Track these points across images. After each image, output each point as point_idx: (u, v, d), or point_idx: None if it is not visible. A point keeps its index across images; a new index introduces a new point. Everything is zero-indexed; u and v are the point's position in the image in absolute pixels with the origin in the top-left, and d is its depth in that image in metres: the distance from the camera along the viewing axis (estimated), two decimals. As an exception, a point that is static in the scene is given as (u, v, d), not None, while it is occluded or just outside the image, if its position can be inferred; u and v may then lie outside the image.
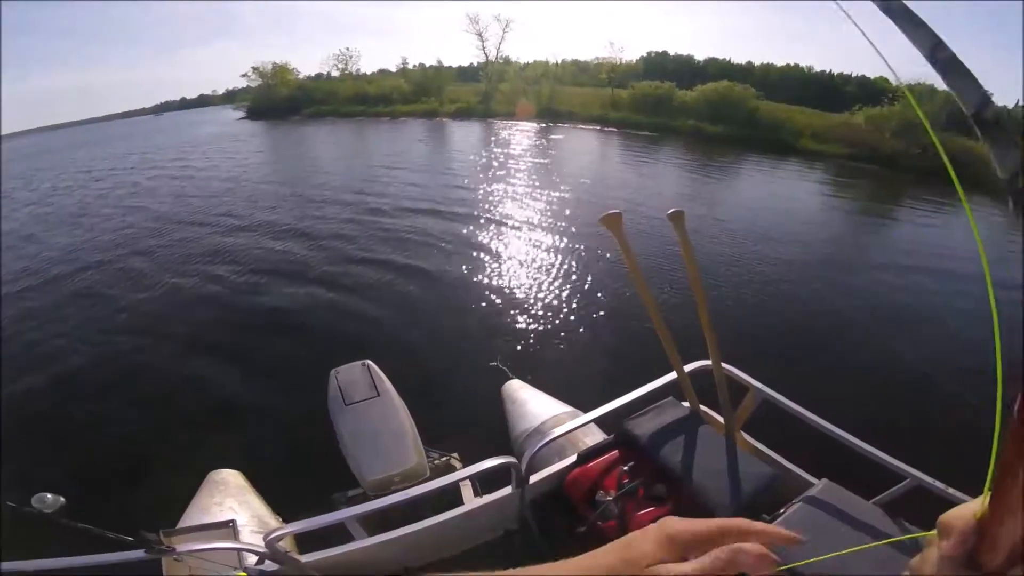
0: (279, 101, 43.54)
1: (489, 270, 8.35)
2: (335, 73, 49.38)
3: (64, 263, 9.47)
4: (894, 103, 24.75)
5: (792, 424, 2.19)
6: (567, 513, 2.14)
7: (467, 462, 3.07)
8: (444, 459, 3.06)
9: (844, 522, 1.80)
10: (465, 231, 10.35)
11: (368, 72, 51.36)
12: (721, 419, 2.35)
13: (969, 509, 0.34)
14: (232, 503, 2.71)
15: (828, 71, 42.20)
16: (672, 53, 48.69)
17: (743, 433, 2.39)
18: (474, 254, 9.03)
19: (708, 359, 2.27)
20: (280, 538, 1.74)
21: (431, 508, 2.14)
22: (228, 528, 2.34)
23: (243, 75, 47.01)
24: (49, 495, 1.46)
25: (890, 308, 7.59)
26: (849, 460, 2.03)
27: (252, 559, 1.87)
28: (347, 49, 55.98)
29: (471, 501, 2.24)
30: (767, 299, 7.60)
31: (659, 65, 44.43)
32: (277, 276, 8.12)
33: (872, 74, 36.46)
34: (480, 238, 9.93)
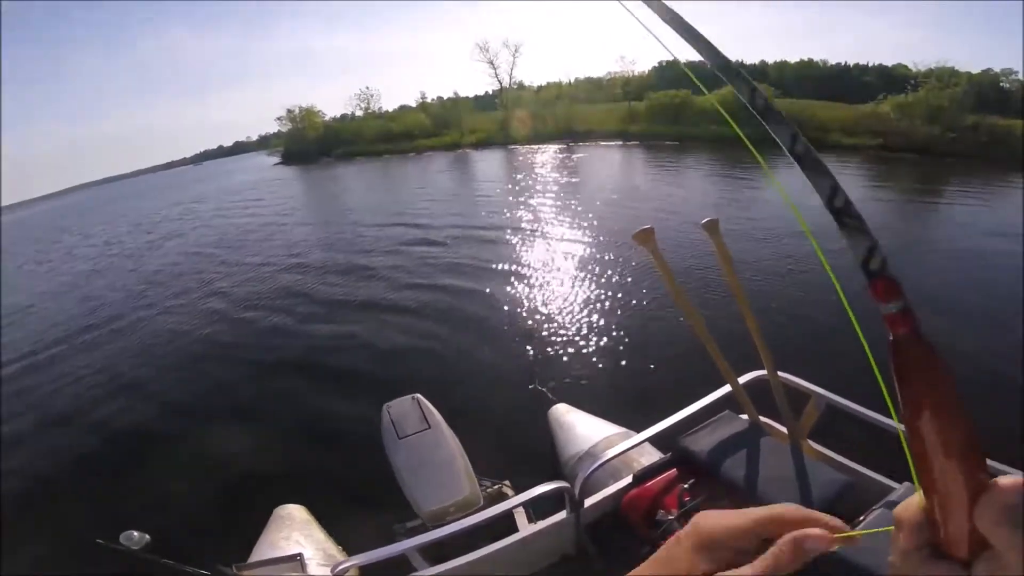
0: (309, 144, 45.98)
1: (527, 294, 8.38)
2: (359, 112, 51.88)
3: (115, 312, 10.13)
4: (918, 89, 23.91)
5: (864, 428, 2.06)
6: (626, 535, 2.08)
7: (519, 488, 3.05)
8: (496, 487, 3.08)
9: None
10: (499, 258, 10.45)
11: (389, 109, 53.79)
12: (784, 429, 2.25)
13: (916, 500, 0.33)
14: (298, 537, 2.81)
15: (844, 63, 41.11)
16: (683, 60, 48.32)
17: (810, 441, 2.28)
18: (510, 280, 9.09)
19: (762, 368, 2.18)
20: (346, 571, 1.78)
21: (486, 536, 2.13)
22: (296, 562, 2.43)
23: (277, 119, 50.12)
24: (136, 533, 1.55)
25: (947, 296, 7.15)
26: None
27: None
28: (367, 88, 58.58)
29: (526, 528, 2.22)
30: (815, 298, 7.22)
31: (671, 73, 44.30)
32: (325, 317, 8.39)
33: (890, 62, 35.49)
34: (514, 264, 10.00)
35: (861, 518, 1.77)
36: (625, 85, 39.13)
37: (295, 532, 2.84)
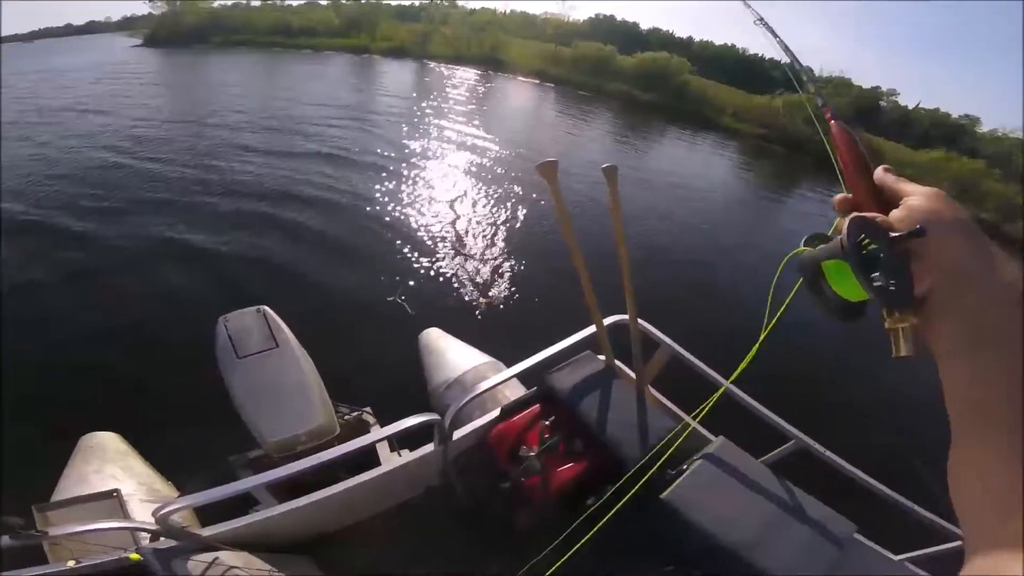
0: (185, 29, 37.87)
1: (407, 213, 7.97)
2: (256, 2, 43.93)
3: None
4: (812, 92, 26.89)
5: (696, 381, 2.26)
6: (490, 468, 2.10)
7: (380, 416, 2.94)
8: (356, 414, 2.89)
9: (736, 479, 1.94)
10: (384, 171, 9.81)
11: (295, 3, 46.13)
12: (632, 374, 2.39)
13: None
14: (113, 469, 2.40)
15: (760, 55, 44.30)
16: (619, 18, 48.50)
17: (651, 388, 2.46)
18: (392, 196, 8.57)
19: (625, 314, 2.27)
20: (174, 512, 1.53)
21: (345, 467, 2.01)
22: (113, 499, 2.08)
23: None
24: None
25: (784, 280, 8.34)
26: (744, 419, 2.15)
27: (146, 536, 1.64)
28: None
29: (389, 460, 2.14)
30: (677, 258, 8.01)
31: (605, 28, 44.27)
32: (152, 211, 7.21)
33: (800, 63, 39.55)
34: (400, 179, 9.46)
35: (684, 466, 1.97)
36: (558, 28, 38.25)
37: (109, 464, 2.42)
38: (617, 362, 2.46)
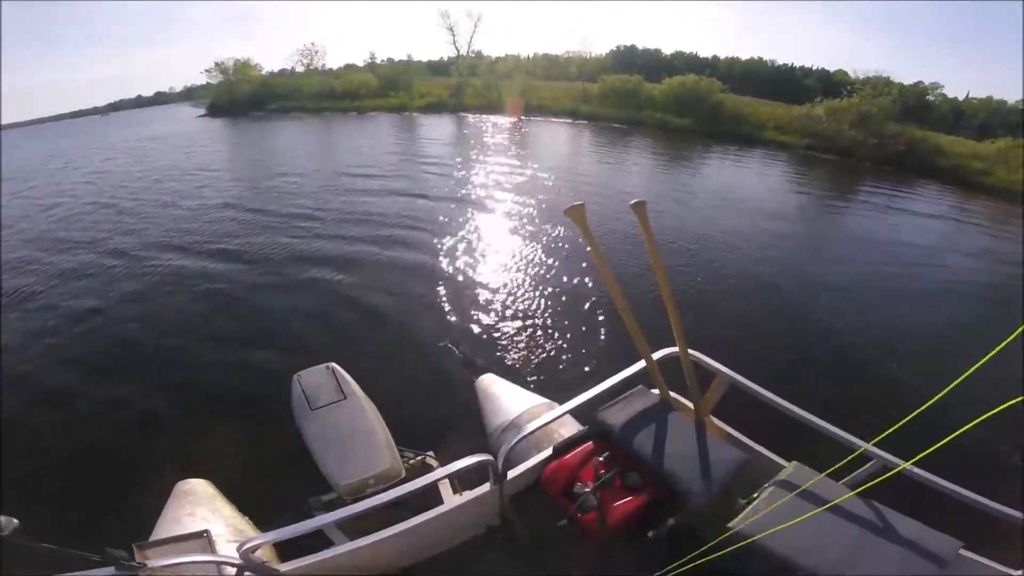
0: (241, 97, 41.98)
1: (455, 264, 8.28)
2: (300, 68, 48.16)
3: None
4: (853, 95, 25.82)
5: (760, 408, 2.22)
6: (546, 506, 2.11)
7: (443, 459, 3.04)
8: (419, 458, 3.02)
9: (815, 504, 1.81)
10: (430, 224, 10.29)
11: (334, 67, 50.22)
12: (691, 405, 2.36)
13: None
14: (204, 512, 2.61)
15: (790, 64, 43.52)
16: (640, 47, 49.14)
17: (713, 418, 2.42)
18: (439, 248, 8.95)
19: (674, 346, 2.28)
20: (256, 548, 1.67)
21: (410, 509, 2.09)
22: (203, 539, 2.25)
23: (204, 71, 45.12)
24: (1, 517, 1.36)
25: (846, 293, 7.89)
26: (817, 442, 2.05)
27: (230, 571, 1.79)
28: (312, 44, 53.72)
29: (451, 500, 2.20)
30: (732, 285, 7.77)
31: (628, 59, 44.85)
32: (229, 277, 7.84)
33: (832, 67, 38.21)
34: (446, 231, 9.87)
35: (755, 495, 1.89)
36: (581, 65, 39.33)
37: (200, 508, 2.64)
38: (673, 394, 2.44)
